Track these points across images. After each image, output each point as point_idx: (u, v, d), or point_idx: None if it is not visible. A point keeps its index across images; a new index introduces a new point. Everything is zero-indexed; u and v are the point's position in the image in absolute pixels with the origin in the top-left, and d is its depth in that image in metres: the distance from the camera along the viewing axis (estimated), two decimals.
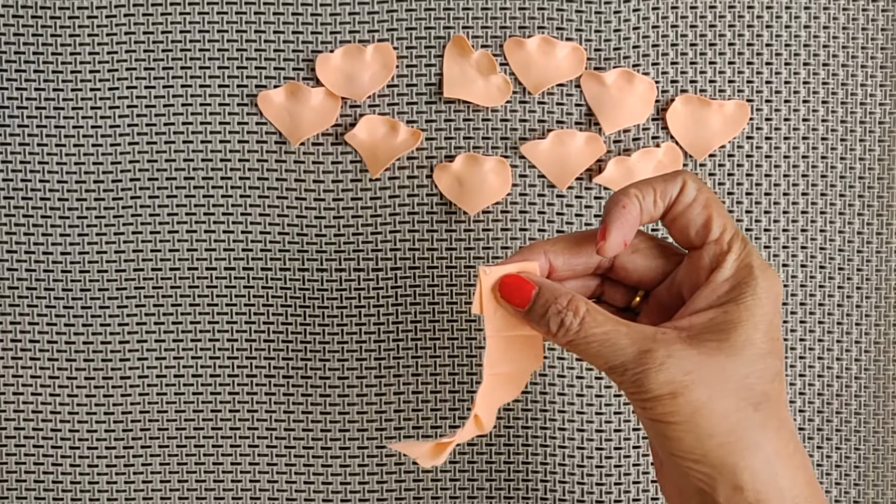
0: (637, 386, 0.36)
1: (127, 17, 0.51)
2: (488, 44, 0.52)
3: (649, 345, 0.36)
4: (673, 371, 0.35)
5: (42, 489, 0.52)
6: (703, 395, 0.35)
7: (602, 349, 0.37)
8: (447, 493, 0.53)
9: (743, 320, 0.36)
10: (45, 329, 0.52)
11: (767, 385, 0.36)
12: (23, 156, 0.52)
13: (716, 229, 0.38)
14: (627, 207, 0.38)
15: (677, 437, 0.36)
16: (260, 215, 0.52)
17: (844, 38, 0.52)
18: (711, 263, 0.38)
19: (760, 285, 0.37)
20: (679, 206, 0.39)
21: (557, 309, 0.37)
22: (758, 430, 0.36)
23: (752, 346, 0.36)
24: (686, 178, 0.38)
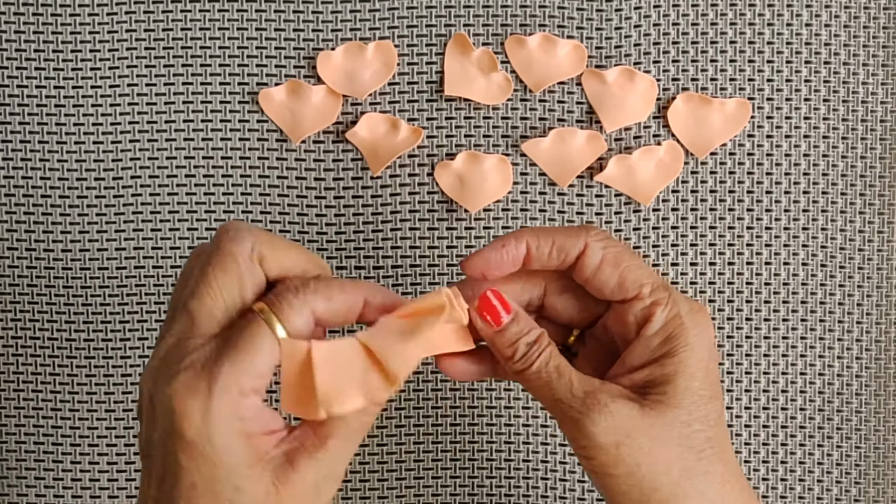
0: (579, 429, 0.36)
1: (128, 14, 0.51)
2: (489, 42, 0.52)
3: (595, 393, 0.36)
4: (616, 417, 0.36)
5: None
6: (646, 446, 0.36)
7: (551, 381, 0.37)
8: (447, 490, 0.53)
9: (679, 372, 0.37)
10: (45, 326, 0.52)
11: (710, 430, 0.37)
12: (23, 153, 0.52)
13: (632, 287, 0.38)
14: (507, 248, 0.38)
15: (623, 491, 0.36)
16: (261, 213, 0.52)
17: (846, 36, 0.52)
18: (639, 320, 0.38)
19: (691, 333, 0.37)
20: (586, 270, 0.38)
21: (528, 340, 0.38)
22: (702, 479, 0.36)
23: (692, 395, 0.37)
24: (589, 239, 0.38)
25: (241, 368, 0.33)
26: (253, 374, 0.33)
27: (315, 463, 0.34)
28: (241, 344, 0.33)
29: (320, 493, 0.34)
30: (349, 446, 0.35)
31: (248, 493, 0.33)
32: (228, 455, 0.33)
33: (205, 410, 0.32)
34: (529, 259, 0.39)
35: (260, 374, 0.34)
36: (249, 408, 0.33)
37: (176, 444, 0.33)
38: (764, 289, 0.53)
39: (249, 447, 0.33)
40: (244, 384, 0.33)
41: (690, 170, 0.52)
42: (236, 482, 0.33)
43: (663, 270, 0.52)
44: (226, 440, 0.33)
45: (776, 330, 0.53)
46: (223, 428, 0.33)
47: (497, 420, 0.53)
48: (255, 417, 0.34)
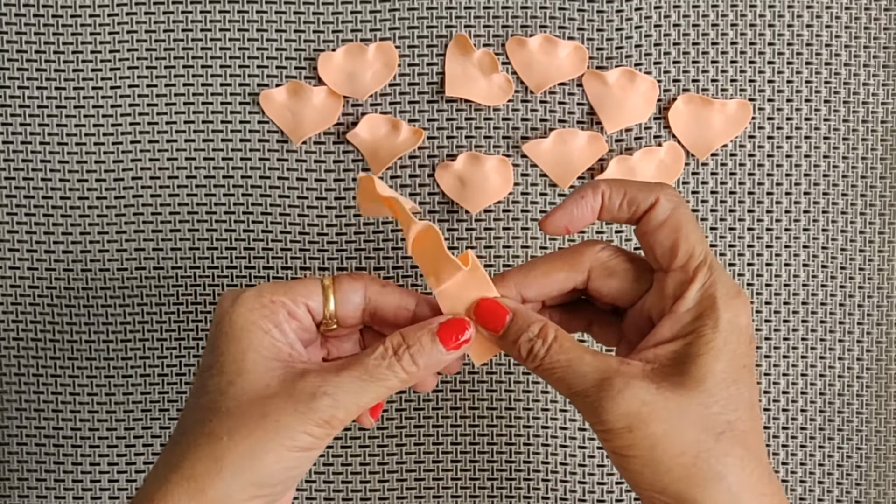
0: (595, 415, 0.36)
1: (129, 15, 0.51)
2: (490, 43, 0.52)
3: (610, 374, 0.36)
4: (629, 402, 0.36)
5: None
6: (661, 429, 0.35)
7: (564, 375, 0.37)
8: (449, 492, 0.53)
9: (702, 353, 0.36)
10: (46, 328, 0.52)
11: (732, 414, 0.36)
12: (24, 154, 0.52)
13: (682, 255, 0.38)
14: (586, 199, 0.39)
15: (637, 471, 0.36)
16: (262, 214, 0.52)
17: (847, 37, 0.52)
18: (675, 292, 0.38)
19: (722, 317, 0.37)
20: (649, 224, 0.38)
21: (528, 337, 0.38)
22: (719, 461, 0.36)
23: (713, 377, 0.36)
24: (661, 195, 0.38)
25: (277, 284, 0.38)
26: (286, 293, 0.38)
27: (321, 378, 0.36)
28: (290, 281, 0.39)
29: (313, 407, 0.35)
30: (359, 387, 0.36)
31: (250, 377, 0.36)
32: (244, 336, 0.37)
33: (235, 297, 0.38)
34: (603, 209, 0.39)
35: (293, 298, 0.38)
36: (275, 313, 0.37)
37: (212, 329, 0.38)
38: (765, 290, 0.53)
39: (266, 340, 0.37)
40: (276, 295, 0.38)
41: (691, 171, 0.52)
42: (243, 363, 0.36)
43: None
44: (246, 322, 0.37)
45: (777, 331, 0.53)
46: (246, 313, 0.37)
47: (499, 421, 0.53)
48: (280, 327, 0.37)
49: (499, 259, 0.52)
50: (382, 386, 0.37)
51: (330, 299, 0.39)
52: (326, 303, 0.39)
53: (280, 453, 0.35)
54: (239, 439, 0.35)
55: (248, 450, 0.35)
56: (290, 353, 0.37)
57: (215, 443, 0.35)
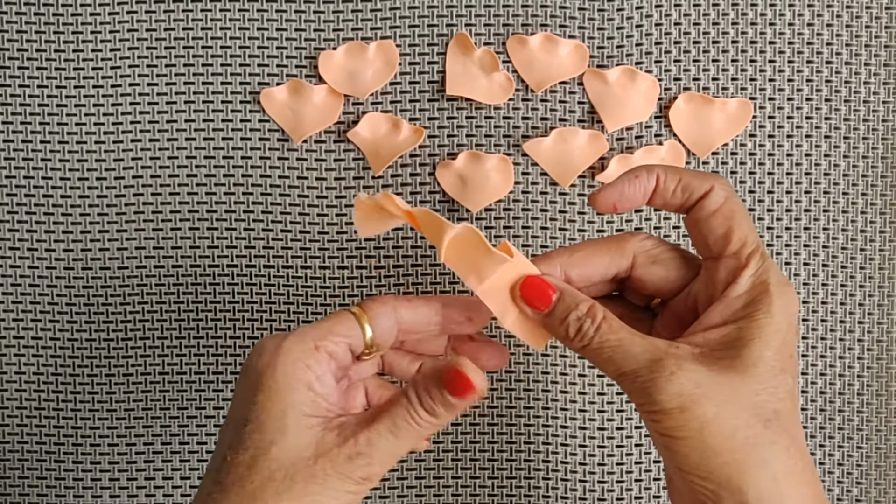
0: (646, 396, 0.36)
1: (130, 13, 0.51)
2: (491, 41, 0.52)
3: (661, 355, 0.36)
4: (683, 383, 0.35)
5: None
6: (711, 412, 0.35)
7: (614, 355, 0.37)
8: (449, 490, 0.53)
9: (755, 337, 0.36)
10: (47, 326, 0.52)
11: (778, 403, 0.36)
12: (25, 153, 0.52)
13: (735, 242, 0.38)
14: (640, 178, 0.39)
15: (683, 453, 0.35)
16: (262, 212, 0.52)
17: (847, 36, 0.52)
18: (727, 277, 0.38)
19: (775, 303, 0.37)
20: (702, 212, 0.38)
21: (577, 315, 0.38)
22: (766, 448, 0.35)
23: (764, 364, 0.36)
24: (716, 184, 0.38)
25: (319, 327, 0.38)
26: (329, 335, 0.37)
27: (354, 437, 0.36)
28: (325, 318, 0.38)
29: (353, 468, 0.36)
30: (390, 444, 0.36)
31: (292, 440, 0.36)
32: (287, 394, 0.36)
33: (277, 345, 0.37)
34: (655, 194, 0.39)
35: (334, 341, 0.37)
36: (319, 362, 0.37)
37: (245, 382, 0.37)
38: None
39: (308, 397, 0.36)
40: (318, 340, 0.37)
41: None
42: (285, 423, 0.36)
43: None
44: (290, 379, 0.36)
45: None
46: (290, 365, 0.36)
47: (499, 420, 0.53)
48: (321, 377, 0.37)
49: None
50: (409, 441, 0.37)
51: (366, 329, 0.39)
52: (363, 333, 0.38)
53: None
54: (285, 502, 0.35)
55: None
56: (327, 408, 0.37)
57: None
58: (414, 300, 0.40)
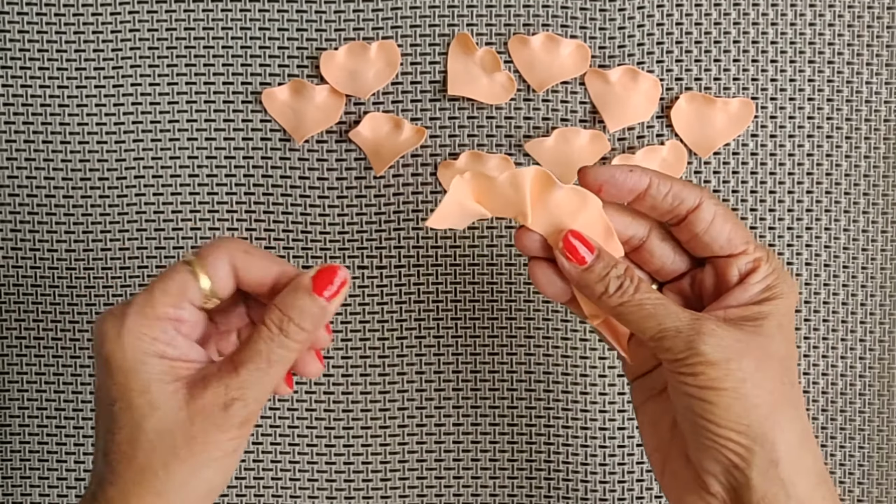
0: (691, 349, 0.37)
1: (132, 13, 0.51)
2: (492, 41, 0.52)
3: (698, 316, 0.38)
4: (724, 337, 0.37)
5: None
6: (751, 366, 0.37)
7: (656, 311, 0.38)
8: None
9: (774, 313, 0.38)
10: (49, 326, 0.52)
11: (794, 374, 0.39)
12: (27, 153, 0.52)
13: (740, 243, 0.40)
14: (634, 173, 0.39)
15: (726, 405, 0.36)
16: (264, 212, 0.52)
17: (849, 36, 0.52)
18: (743, 272, 0.39)
19: (787, 286, 0.39)
20: (699, 224, 0.40)
21: (617, 273, 0.39)
22: (794, 408, 0.38)
23: (783, 332, 0.38)
24: (704, 197, 0.40)
25: (155, 296, 0.37)
26: (166, 303, 0.37)
27: (223, 385, 0.36)
28: (159, 279, 0.38)
29: (229, 416, 0.36)
30: (265, 377, 0.37)
31: (162, 409, 0.36)
32: (142, 368, 0.36)
33: (119, 327, 0.36)
34: (646, 195, 0.40)
35: (174, 305, 0.37)
36: (164, 331, 0.37)
37: (100, 365, 0.37)
38: None
39: (164, 365, 0.37)
40: (157, 308, 0.37)
41: (694, 169, 0.52)
42: (150, 397, 0.36)
43: None
44: (139, 355, 0.36)
45: None
46: (136, 343, 0.36)
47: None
48: (171, 342, 0.37)
49: (501, 258, 0.52)
50: (281, 365, 0.38)
51: (201, 277, 0.38)
52: (199, 283, 0.38)
53: (215, 466, 0.36)
54: (175, 469, 0.36)
55: (187, 476, 0.36)
56: (186, 367, 0.37)
57: (152, 479, 0.36)
58: (253, 251, 0.39)
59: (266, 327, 0.37)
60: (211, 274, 0.38)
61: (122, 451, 0.36)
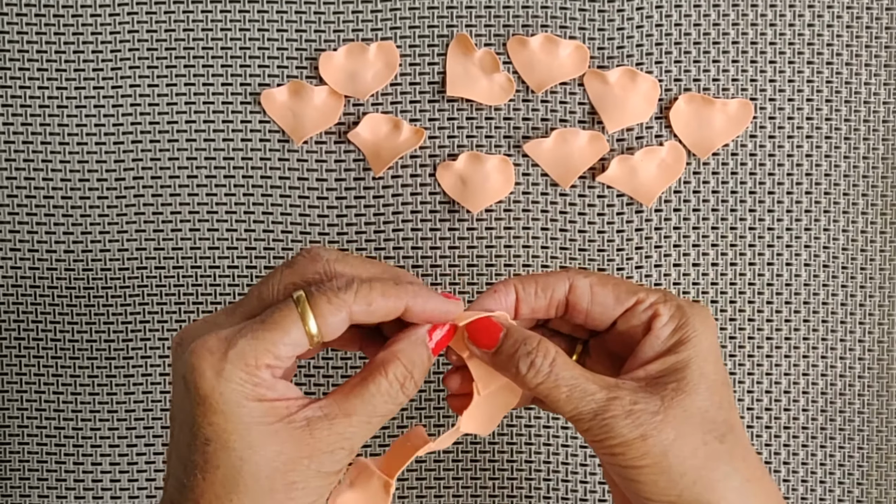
0: (606, 432, 0.36)
1: (131, 14, 0.51)
2: (491, 42, 0.52)
3: (615, 392, 0.37)
4: (641, 416, 0.36)
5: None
6: (671, 435, 0.36)
7: (572, 394, 0.37)
8: (450, 491, 0.53)
9: (692, 357, 0.38)
10: (48, 328, 0.52)
11: (727, 414, 0.38)
12: (26, 153, 0.52)
13: (628, 298, 0.39)
14: (498, 293, 0.39)
15: (651, 481, 0.36)
16: (263, 213, 0.52)
17: (848, 37, 0.52)
18: (644, 321, 0.39)
19: (697, 322, 0.38)
20: (581, 302, 0.39)
21: (527, 350, 0.37)
22: (727, 462, 0.37)
23: (707, 379, 0.38)
24: (572, 276, 0.39)
25: (259, 345, 0.34)
26: (270, 354, 0.35)
27: (334, 434, 0.35)
28: (268, 324, 0.35)
29: (334, 463, 0.35)
30: (368, 430, 0.36)
31: (262, 452, 0.34)
32: (242, 412, 0.34)
33: (218, 370, 0.34)
34: (519, 302, 0.40)
35: (277, 356, 0.35)
36: (264, 378, 0.35)
37: (192, 399, 0.34)
38: (766, 290, 0.53)
39: (264, 408, 0.35)
40: (260, 359, 0.34)
41: (692, 170, 0.52)
42: (250, 440, 0.34)
43: (665, 271, 0.52)
44: (238, 398, 0.34)
45: (779, 331, 0.53)
46: (235, 387, 0.34)
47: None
48: (268, 386, 0.35)
49: (500, 258, 0.52)
50: (389, 417, 0.37)
51: (310, 322, 0.35)
52: (306, 324, 0.35)
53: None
54: None
55: None
56: (285, 407, 0.35)
57: None
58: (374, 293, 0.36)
59: (387, 381, 0.36)
60: (321, 322, 0.35)
61: (215, 492, 0.35)
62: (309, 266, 0.37)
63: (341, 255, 0.37)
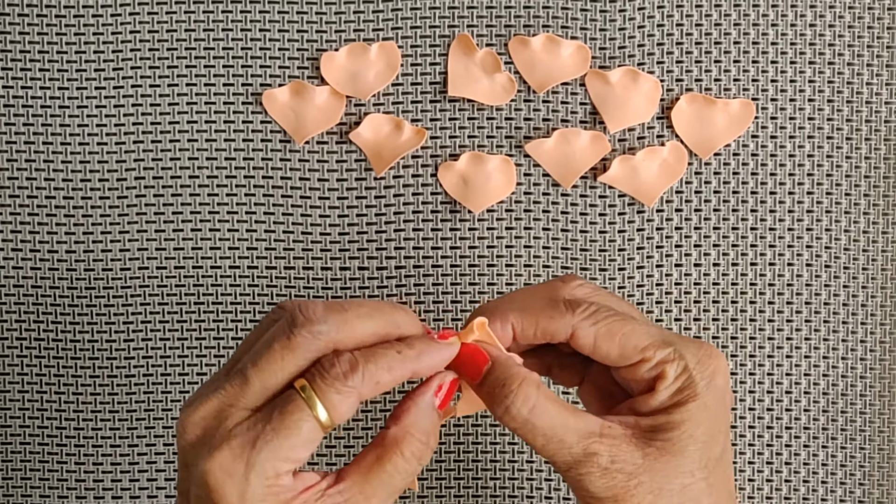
0: (580, 484, 0.36)
1: (132, 15, 0.51)
2: (493, 42, 0.52)
3: (595, 446, 0.36)
4: (616, 477, 0.36)
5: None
6: (647, 499, 0.36)
7: (548, 444, 0.36)
8: (452, 491, 0.53)
9: (685, 420, 0.37)
10: (50, 327, 0.52)
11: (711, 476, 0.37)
12: (28, 154, 0.52)
13: (634, 355, 0.37)
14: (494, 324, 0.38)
15: None
16: (264, 214, 0.52)
17: (850, 37, 0.52)
18: (648, 380, 0.38)
19: (700, 385, 0.37)
20: (584, 349, 0.38)
21: (505, 393, 0.36)
22: None
23: (695, 442, 0.36)
24: (575, 321, 0.37)
25: (277, 455, 0.34)
26: (291, 460, 0.34)
27: None
28: (280, 430, 0.34)
29: None
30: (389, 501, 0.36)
31: None
32: None
33: (241, 493, 0.34)
34: (516, 339, 0.38)
35: (295, 460, 0.34)
36: (283, 484, 0.34)
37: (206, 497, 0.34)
38: (768, 290, 0.53)
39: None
40: (279, 468, 0.34)
41: (694, 170, 0.52)
42: None
43: (667, 271, 0.52)
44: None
45: (780, 331, 0.53)
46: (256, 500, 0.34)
47: (492, 430, 0.53)
48: (289, 488, 0.34)
49: (501, 259, 0.52)
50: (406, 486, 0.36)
51: (318, 409, 0.34)
52: (317, 417, 0.34)
53: None
54: None
55: None
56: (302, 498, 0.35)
57: None
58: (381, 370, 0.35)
59: (404, 460, 0.35)
60: (332, 414, 0.34)
61: None
62: (311, 347, 0.35)
63: (339, 321, 0.35)
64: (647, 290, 0.52)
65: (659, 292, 0.52)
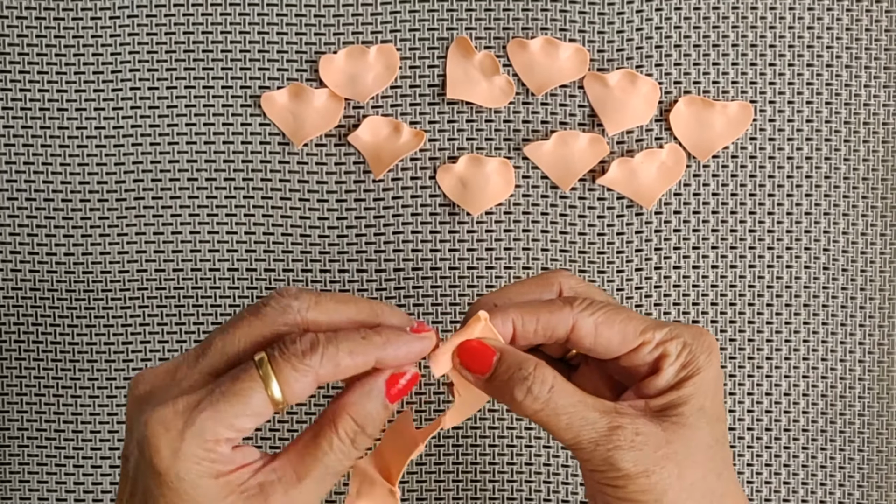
0: (608, 464, 0.36)
1: (131, 18, 0.51)
2: (491, 45, 0.52)
3: (617, 420, 0.36)
4: (644, 449, 0.36)
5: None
6: (674, 472, 0.36)
7: (572, 422, 0.36)
8: (450, 494, 0.53)
9: (694, 394, 0.37)
10: (48, 330, 0.52)
11: (724, 451, 0.38)
12: (26, 157, 0.52)
13: (634, 339, 0.38)
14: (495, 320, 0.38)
15: None
16: (263, 216, 0.52)
17: (848, 40, 0.52)
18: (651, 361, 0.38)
19: (701, 358, 0.37)
20: (584, 342, 0.38)
21: (523, 375, 0.36)
22: (722, 500, 0.37)
23: (706, 415, 0.37)
24: (574, 313, 0.37)
25: (219, 419, 0.33)
26: (231, 429, 0.34)
27: (288, 498, 0.34)
28: (228, 396, 0.33)
29: None
30: (324, 487, 0.35)
31: None
32: (198, 492, 0.33)
33: (175, 449, 0.33)
34: (515, 337, 0.38)
35: (237, 429, 0.34)
36: (221, 453, 0.34)
37: (147, 470, 0.34)
38: (766, 292, 0.53)
39: (220, 484, 0.34)
40: (219, 434, 0.33)
41: (693, 173, 0.52)
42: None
43: (665, 273, 0.52)
44: (195, 478, 0.33)
45: (779, 333, 0.53)
46: (192, 467, 0.33)
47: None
48: (226, 460, 0.34)
49: (500, 261, 0.52)
50: (342, 473, 0.36)
51: (272, 387, 0.34)
52: (269, 392, 0.34)
53: None
54: None
55: None
56: (238, 477, 0.34)
57: None
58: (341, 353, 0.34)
59: (338, 438, 0.35)
60: (286, 390, 0.34)
61: None
62: (278, 318, 0.35)
63: (313, 301, 0.35)
64: (645, 292, 0.52)
65: (657, 294, 0.52)
